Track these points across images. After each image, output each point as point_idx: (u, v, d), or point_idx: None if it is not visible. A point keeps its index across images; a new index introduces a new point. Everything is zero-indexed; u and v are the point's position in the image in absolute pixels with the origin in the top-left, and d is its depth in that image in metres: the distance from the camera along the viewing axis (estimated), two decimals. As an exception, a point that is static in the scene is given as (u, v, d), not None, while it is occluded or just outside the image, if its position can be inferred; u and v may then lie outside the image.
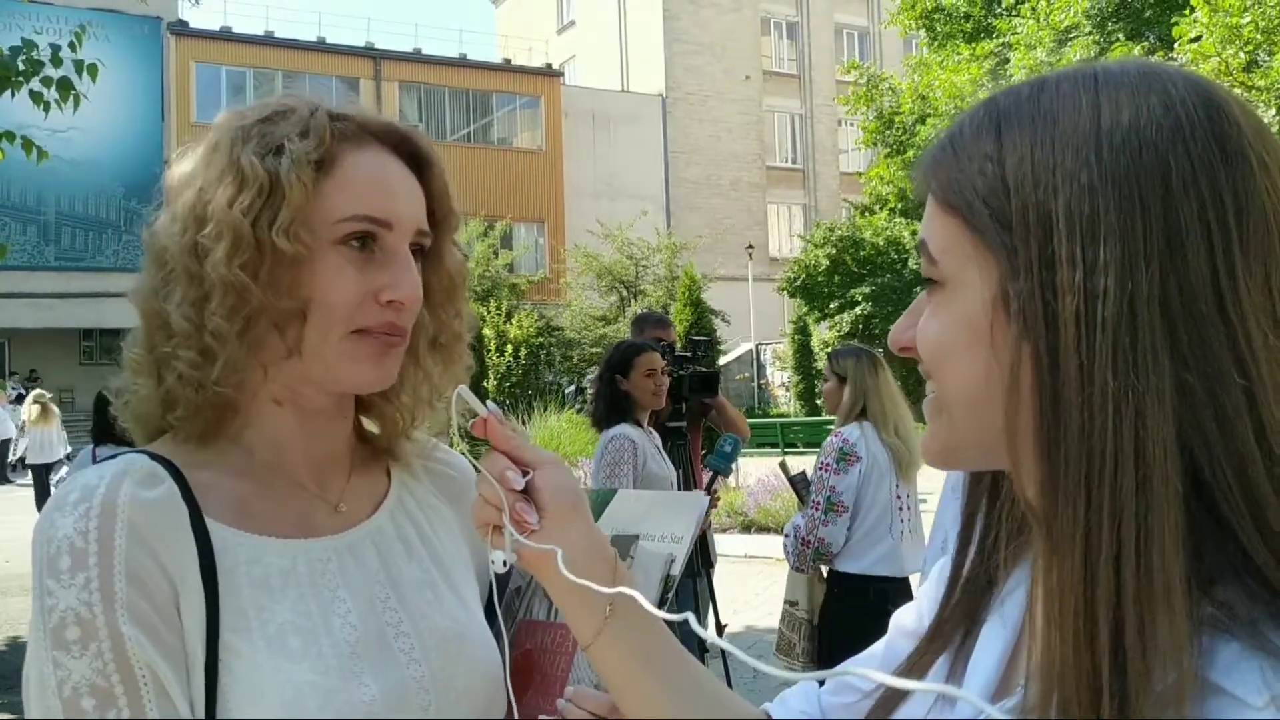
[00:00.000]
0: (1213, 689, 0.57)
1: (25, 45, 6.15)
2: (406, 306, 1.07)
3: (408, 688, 1.05)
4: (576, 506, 0.94)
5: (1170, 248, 0.61)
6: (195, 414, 1.06)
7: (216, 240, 1.01)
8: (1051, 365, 0.62)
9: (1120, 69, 0.68)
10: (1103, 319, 0.61)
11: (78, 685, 0.92)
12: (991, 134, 0.69)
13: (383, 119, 1.12)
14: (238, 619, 1.00)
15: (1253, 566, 0.60)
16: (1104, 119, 0.64)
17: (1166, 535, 0.59)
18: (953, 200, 0.70)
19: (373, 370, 1.07)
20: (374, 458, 1.23)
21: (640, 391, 4.56)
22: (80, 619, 0.93)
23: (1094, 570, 0.60)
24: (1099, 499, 0.60)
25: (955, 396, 0.72)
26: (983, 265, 0.68)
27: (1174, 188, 0.62)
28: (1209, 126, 0.63)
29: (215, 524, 1.03)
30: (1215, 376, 0.60)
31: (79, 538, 0.95)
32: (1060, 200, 0.63)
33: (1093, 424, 0.61)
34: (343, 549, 1.11)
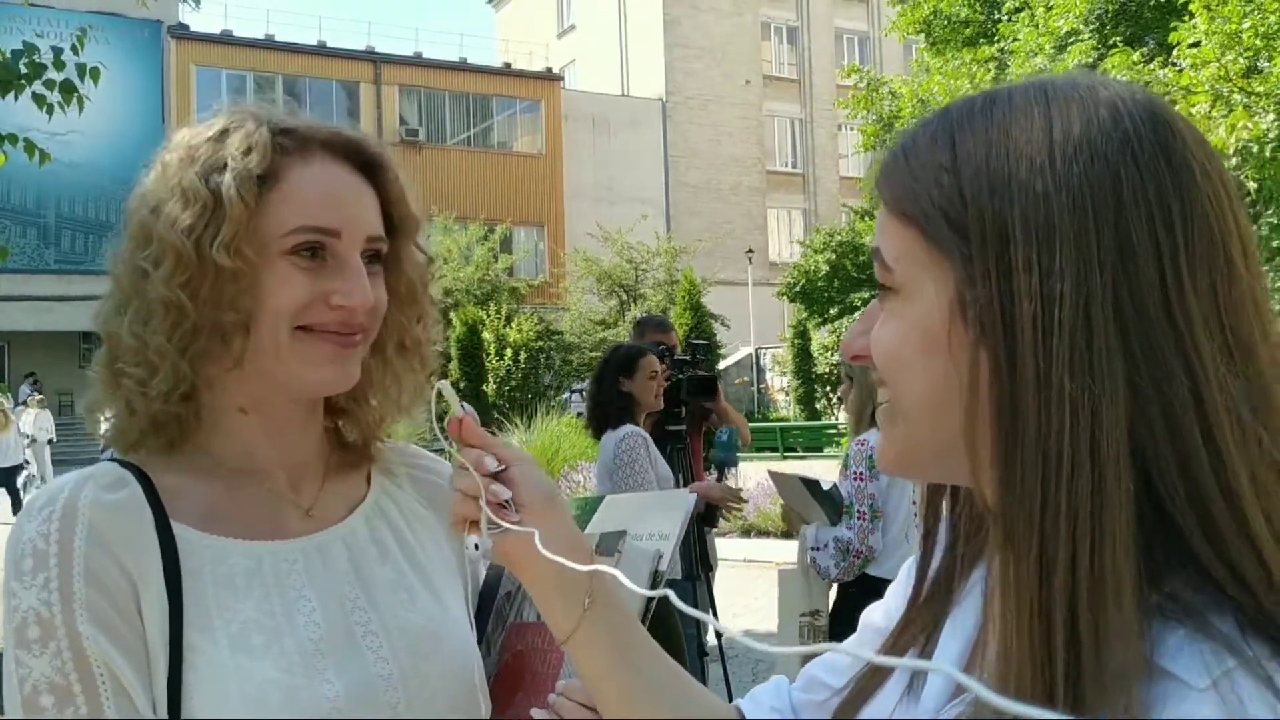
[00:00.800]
0: (1159, 673, 0.59)
1: (27, 49, 6.16)
2: (358, 311, 1.08)
3: (375, 685, 1.06)
4: (552, 500, 0.96)
5: (1121, 254, 0.63)
6: (154, 425, 1.09)
7: (159, 261, 1.04)
8: (1010, 369, 0.64)
9: (1070, 83, 0.70)
10: (1060, 323, 0.62)
11: (37, 683, 0.95)
12: (946, 145, 0.70)
13: (330, 128, 1.13)
14: (201, 618, 1.02)
15: (1197, 560, 0.62)
16: (1056, 130, 0.66)
17: (1119, 535, 0.60)
18: (908, 209, 0.71)
19: (331, 371, 1.09)
20: (353, 464, 1.24)
21: (643, 393, 4.54)
22: (40, 619, 0.96)
23: (1050, 569, 0.62)
24: (1055, 500, 0.62)
25: (911, 403, 0.73)
26: (938, 273, 0.69)
27: (1124, 196, 0.64)
28: (1155, 138, 0.65)
29: (181, 526, 1.05)
30: (1164, 379, 0.62)
31: (41, 540, 0.99)
32: (1016, 209, 0.65)
33: (1049, 426, 0.62)
34: (310, 550, 1.12)
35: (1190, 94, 10.32)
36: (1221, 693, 0.57)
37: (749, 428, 5.96)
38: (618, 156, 34.47)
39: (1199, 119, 10.04)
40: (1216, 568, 0.61)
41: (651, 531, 1.30)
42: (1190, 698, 0.58)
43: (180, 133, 1.12)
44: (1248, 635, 0.59)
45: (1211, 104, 10.18)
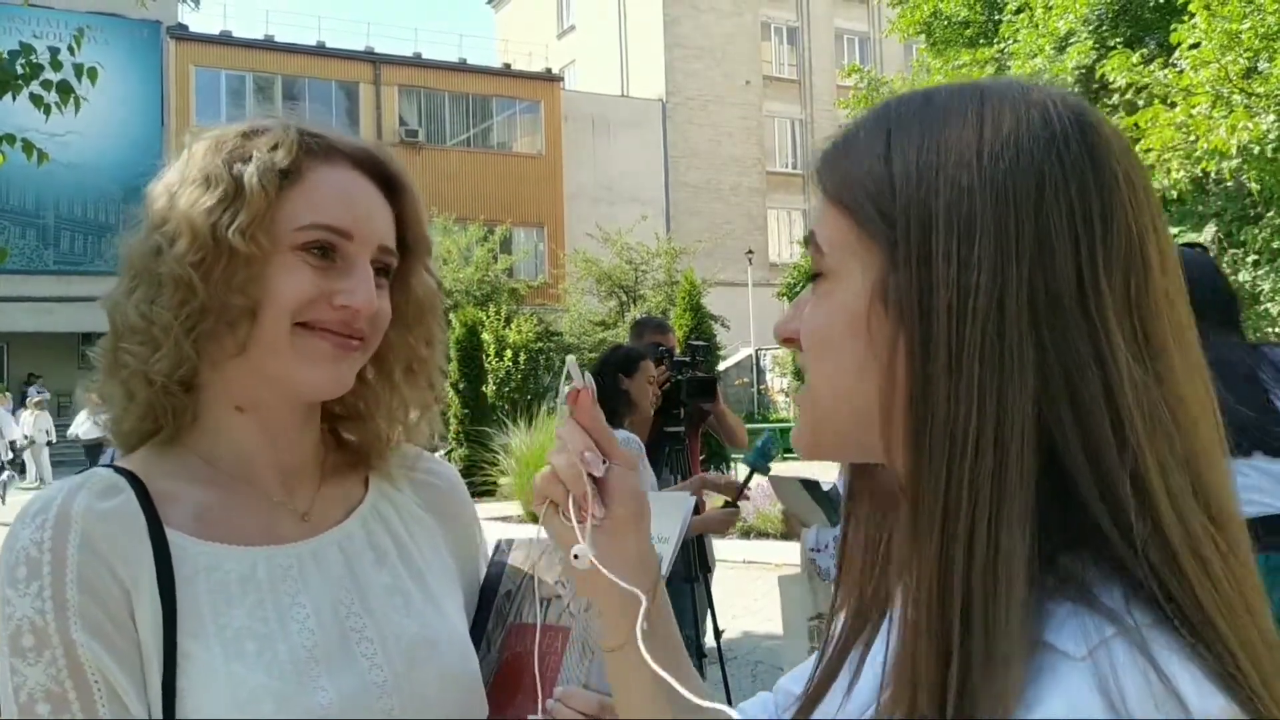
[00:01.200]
0: (1043, 647, 0.61)
1: (24, 49, 6.16)
2: (361, 314, 1.08)
3: (369, 692, 1.06)
4: (641, 515, 0.93)
5: (1040, 248, 0.65)
6: (151, 411, 1.09)
7: (175, 237, 1.05)
8: (924, 354, 0.67)
9: (1005, 85, 0.72)
10: (973, 311, 0.65)
11: (33, 691, 0.96)
12: (882, 137, 0.73)
13: (357, 141, 1.15)
14: (194, 624, 1.02)
15: (1099, 537, 0.65)
16: (986, 128, 0.69)
17: (1015, 515, 0.63)
18: (843, 197, 0.74)
19: (325, 372, 1.09)
20: (351, 467, 1.23)
21: (640, 395, 4.51)
22: (34, 627, 0.97)
23: (950, 554, 0.64)
24: (959, 479, 0.64)
25: (829, 384, 0.75)
26: (865, 258, 0.72)
27: (1046, 193, 0.66)
28: (1081, 140, 0.68)
29: (175, 533, 1.05)
30: (1075, 369, 0.65)
31: (34, 548, 0.99)
32: (941, 200, 0.67)
33: (958, 409, 0.65)
34: (305, 555, 1.12)
35: (1190, 95, 10.32)
36: (1096, 661, 0.59)
37: (745, 430, 5.94)
38: (618, 157, 34.48)
39: (1199, 120, 10.04)
40: (1122, 547, 0.64)
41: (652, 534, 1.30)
42: (1064, 667, 0.60)
43: (210, 129, 1.14)
44: (1132, 606, 0.62)
45: (1212, 104, 10.17)
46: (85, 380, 1.15)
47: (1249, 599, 0.65)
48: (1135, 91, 11.24)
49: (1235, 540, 0.67)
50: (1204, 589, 0.63)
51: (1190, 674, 0.59)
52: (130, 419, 1.10)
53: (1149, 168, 10.63)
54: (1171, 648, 0.60)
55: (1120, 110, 11.89)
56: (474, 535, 1.32)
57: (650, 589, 0.90)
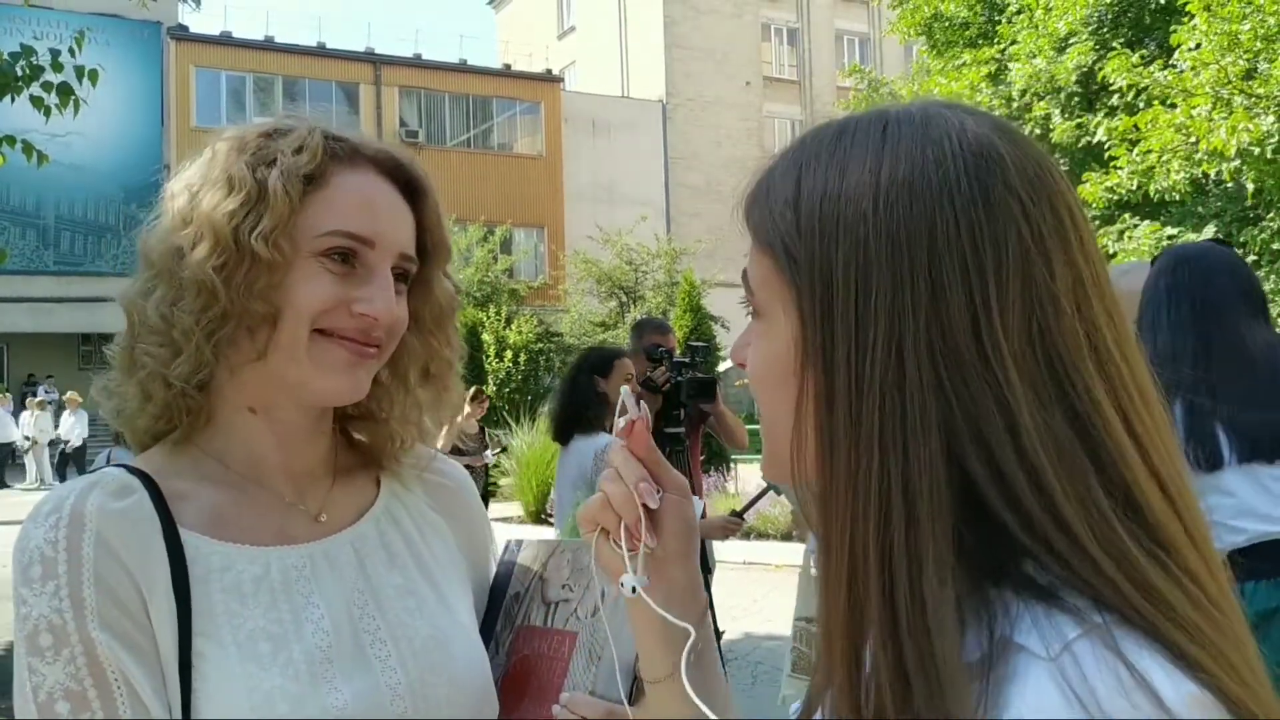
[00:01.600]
0: (1015, 648, 0.62)
1: (24, 51, 6.16)
2: (379, 322, 1.08)
3: (382, 694, 1.06)
4: (691, 546, 0.93)
5: (934, 299, 0.65)
6: (167, 411, 1.08)
7: (197, 241, 1.04)
8: (827, 406, 0.67)
9: (909, 117, 0.71)
10: (871, 366, 0.65)
11: (52, 690, 0.95)
12: (793, 179, 0.72)
13: (381, 145, 1.15)
14: (209, 625, 1.02)
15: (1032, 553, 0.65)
16: (883, 174, 0.68)
17: (932, 564, 0.63)
18: (761, 239, 0.74)
19: (341, 380, 1.09)
20: (362, 467, 1.23)
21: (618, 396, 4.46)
22: (52, 626, 0.96)
23: (858, 595, 0.65)
24: (863, 532, 0.65)
25: (771, 421, 0.76)
26: (787, 304, 0.72)
27: (938, 242, 0.66)
28: (975, 180, 0.67)
29: (188, 533, 1.05)
30: (981, 417, 0.64)
31: (49, 547, 0.98)
32: (840, 252, 0.68)
33: (859, 463, 0.65)
34: (318, 555, 1.12)
35: (1190, 96, 10.33)
36: (1062, 663, 0.60)
37: (745, 430, 5.93)
38: (618, 158, 34.46)
39: (1199, 121, 10.04)
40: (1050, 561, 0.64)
41: None
42: (1034, 666, 0.60)
43: (229, 129, 1.14)
44: (1100, 608, 0.62)
45: (1212, 106, 10.17)
46: (97, 378, 1.15)
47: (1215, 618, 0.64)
48: (1135, 93, 11.24)
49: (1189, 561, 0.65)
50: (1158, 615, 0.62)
51: (1159, 664, 0.59)
52: (145, 418, 1.10)
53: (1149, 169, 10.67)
54: (1139, 643, 0.60)
55: (1121, 111, 11.90)
56: (484, 536, 1.32)
57: (698, 620, 0.90)
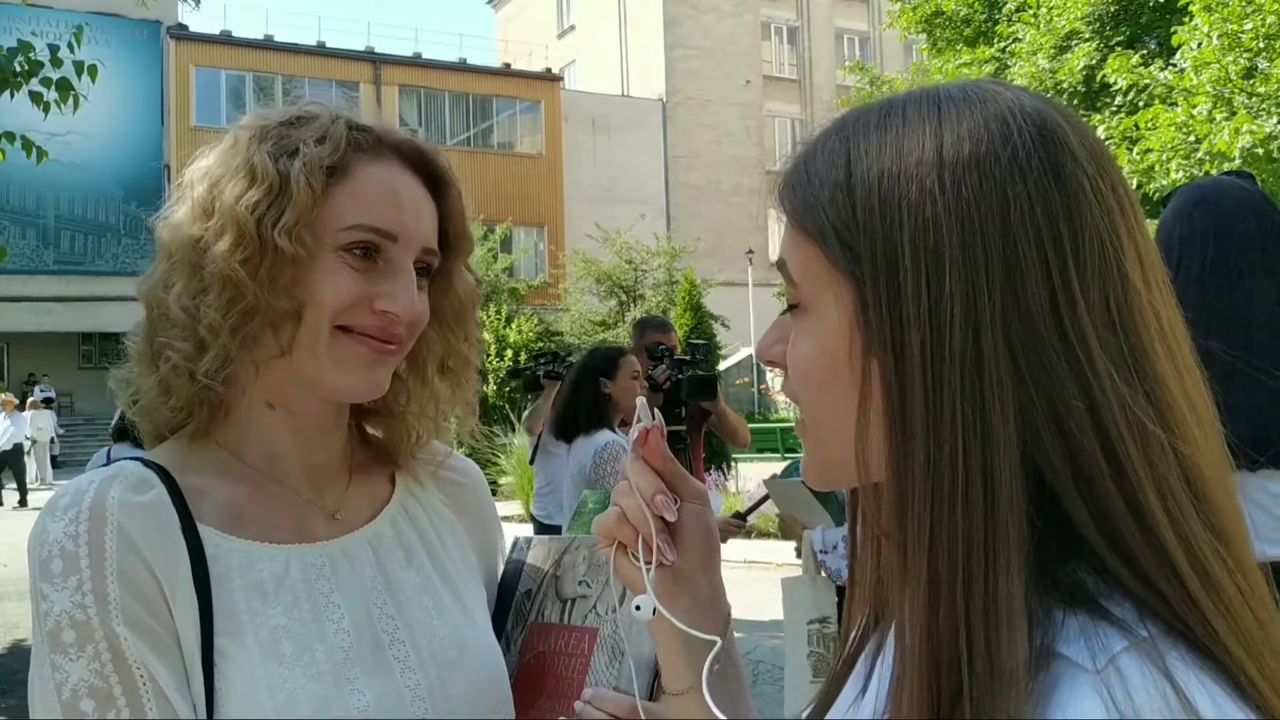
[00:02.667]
0: (1058, 658, 0.60)
1: (22, 46, 6.15)
2: (401, 319, 1.06)
3: (402, 696, 1.05)
4: (713, 555, 0.91)
5: (1009, 276, 0.63)
6: (189, 405, 1.06)
7: (220, 234, 1.02)
8: (900, 394, 0.65)
9: (962, 94, 0.69)
10: (949, 350, 0.63)
11: (76, 687, 0.93)
12: (842, 162, 0.70)
13: (405, 135, 1.13)
14: (231, 623, 1.00)
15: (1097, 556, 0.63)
16: (946, 150, 0.66)
17: (1012, 555, 0.61)
18: (807, 225, 0.71)
19: (362, 377, 1.07)
20: (378, 464, 1.22)
21: (625, 396, 4.42)
22: (75, 621, 0.94)
23: (938, 589, 0.62)
24: (944, 523, 0.62)
25: (821, 421, 0.73)
26: (838, 292, 0.69)
27: (1012, 218, 0.64)
28: (1044, 154, 0.65)
29: (207, 529, 1.03)
30: (1058, 397, 0.63)
31: (69, 541, 0.96)
32: (906, 233, 0.65)
33: (940, 451, 0.63)
34: (338, 554, 1.10)
35: (1191, 95, 10.31)
36: (1106, 676, 0.58)
37: (747, 428, 5.92)
38: (618, 157, 34.47)
39: (1199, 121, 10.03)
40: (1122, 570, 0.62)
41: None
42: (1078, 679, 0.59)
43: (249, 116, 1.11)
44: (1145, 619, 0.60)
45: (1212, 105, 10.16)
46: (115, 370, 1.13)
47: (1257, 613, 0.63)
48: (1136, 92, 11.23)
49: (1240, 555, 0.64)
50: (1214, 612, 0.61)
51: (1204, 685, 0.58)
52: (165, 410, 1.08)
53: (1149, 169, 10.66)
54: (1185, 660, 0.59)
55: (1122, 110, 11.89)
56: (495, 533, 1.31)
57: (721, 630, 0.88)
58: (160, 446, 1.10)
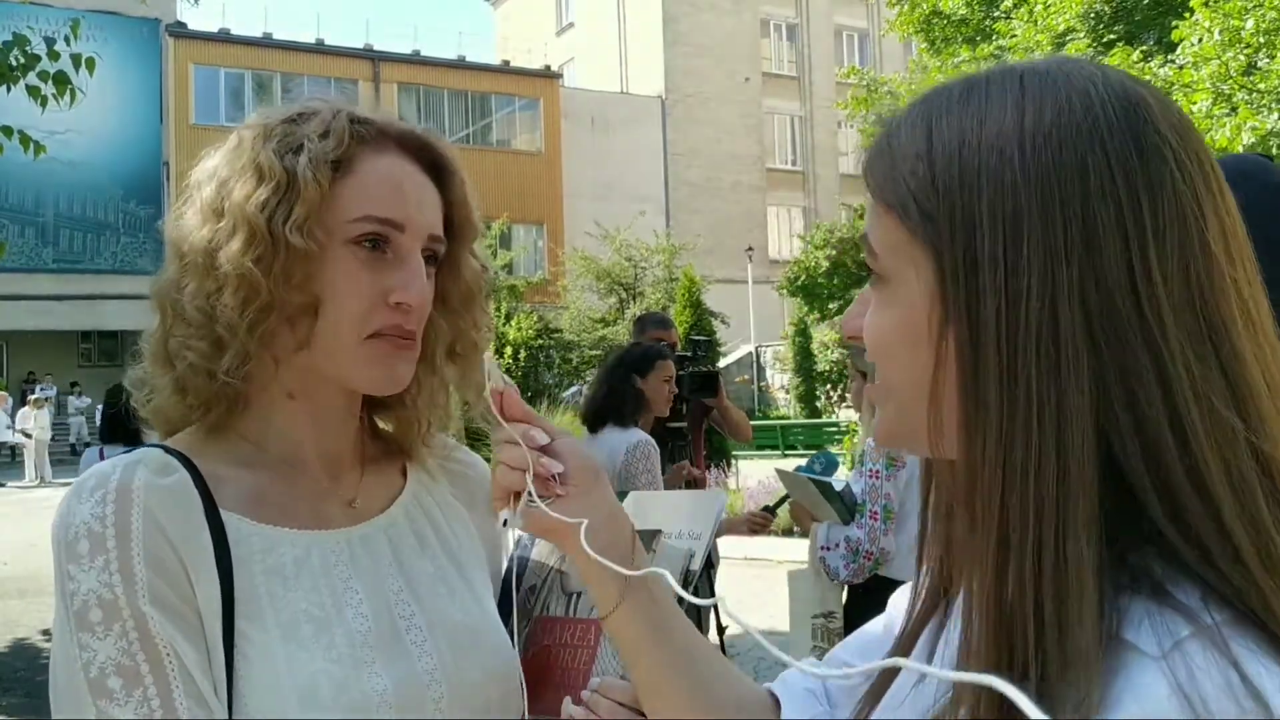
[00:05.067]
0: (1121, 644, 0.60)
1: (18, 40, 6.14)
2: (414, 309, 1.08)
3: (420, 680, 1.07)
4: (598, 474, 0.96)
5: (1088, 246, 0.63)
6: (207, 402, 1.08)
7: (232, 233, 1.04)
8: (973, 363, 0.65)
9: (1045, 68, 0.69)
10: (1025, 318, 0.63)
11: (103, 665, 0.94)
12: (923, 133, 0.70)
13: (405, 125, 1.15)
14: (252, 607, 1.01)
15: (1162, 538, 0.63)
16: (1027, 119, 0.66)
17: (1082, 525, 0.61)
18: (888, 199, 0.72)
19: (384, 373, 1.09)
20: (389, 456, 1.24)
21: (656, 395, 4.42)
22: (102, 600, 0.95)
23: (1008, 560, 0.62)
24: (1015, 491, 0.62)
25: (898, 388, 0.74)
26: (919, 263, 0.69)
27: (1092, 187, 0.63)
28: (1126, 125, 0.65)
29: (229, 514, 1.04)
30: (1130, 370, 0.62)
31: (96, 522, 0.97)
32: (984, 201, 0.65)
33: (1013, 421, 0.63)
34: (355, 541, 1.12)
35: (1191, 92, 10.31)
36: (1172, 660, 0.58)
37: (749, 424, 5.91)
38: (617, 154, 34.47)
39: (1200, 117, 10.03)
40: (1186, 550, 0.62)
41: (682, 531, 1.31)
42: (1143, 665, 0.59)
43: (253, 116, 1.13)
44: (1210, 605, 0.60)
45: (1212, 101, 10.17)
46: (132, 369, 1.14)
47: None
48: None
49: None
50: (1275, 592, 0.60)
51: (1272, 673, 0.57)
52: (180, 409, 1.09)
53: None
54: (1251, 646, 0.58)
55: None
56: (498, 526, 1.32)
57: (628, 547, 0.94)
58: (178, 436, 1.11)
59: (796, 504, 4.44)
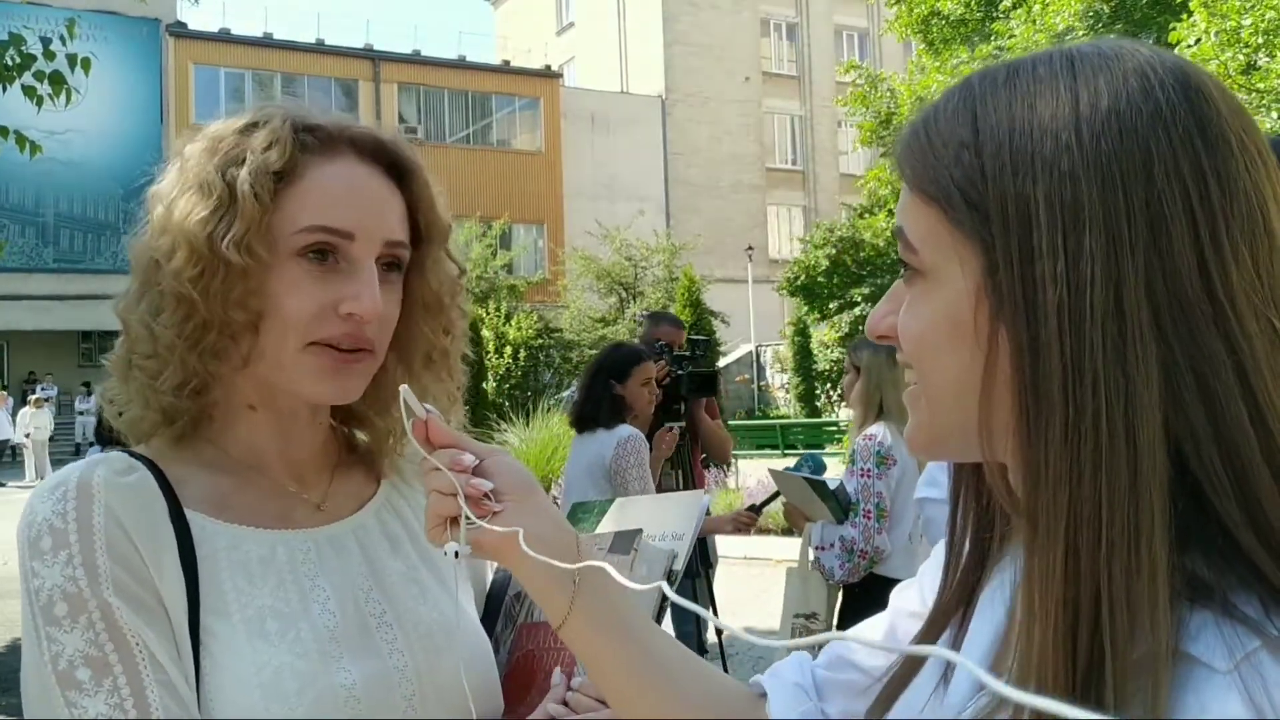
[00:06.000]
0: (1183, 658, 0.58)
1: (13, 39, 6.14)
2: (367, 320, 1.05)
3: (390, 677, 1.06)
4: (531, 487, 0.94)
5: (1154, 234, 0.60)
6: (169, 416, 1.07)
7: (172, 252, 1.02)
8: (1034, 359, 0.62)
9: (1096, 51, 0.66)
10: (1091, 308, 0.60)
11: (71, 658, 0.93)
12: (967, 120, 0.67)
13: (360, 127, 1.11)
14: (217, 602, 1.02)
15: (1232, 543, 0.60)
16: (1083, 104, 0.63)
17: (1156, 525, 0.58)
18: (929, 189, 0.69)
19: (329, 386, 1.07)
20: (362, 465, 1.23)
21: (636, 399, 4.43)
22: (66, 594, 0.94)
23: (1077, 562, 0.59)
24: (1083, 491, 0.60)
25: (939, 389, 0.71)
26: (964, 256, 0.66)
27: (1156, 173, 0.61)
28: (1189, 109, 0.63)
29: (193, 512, 1.04)
30: (1204, 361, 0.60)
31: (57, 519, 0.97)
32: (1040, 189, 0.62)
33: (1080, 417, 0.60)
34: (322, 540, 1.11)
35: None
36: (1244, 675, 0.55)
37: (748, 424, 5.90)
38: (617, 154, 34.45)
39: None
40: (1260, 555, 0.59)
41: (665, 532, 1.31)
42: (1213, 680, 0.56)
43: (212, 126, 1.11)
44: (1272, 615, 0.57)
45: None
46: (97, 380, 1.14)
47: None
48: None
49: None
50: None
51: None
52: (148, 423, 1.09)
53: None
54: None
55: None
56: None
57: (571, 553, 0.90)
58: (144, 444, 1.10)
59: (790, 504, 4.44)
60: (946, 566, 0.83)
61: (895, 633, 0.95)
